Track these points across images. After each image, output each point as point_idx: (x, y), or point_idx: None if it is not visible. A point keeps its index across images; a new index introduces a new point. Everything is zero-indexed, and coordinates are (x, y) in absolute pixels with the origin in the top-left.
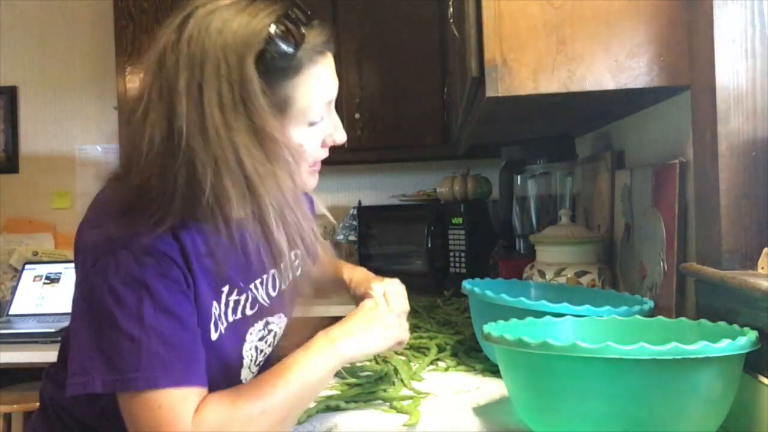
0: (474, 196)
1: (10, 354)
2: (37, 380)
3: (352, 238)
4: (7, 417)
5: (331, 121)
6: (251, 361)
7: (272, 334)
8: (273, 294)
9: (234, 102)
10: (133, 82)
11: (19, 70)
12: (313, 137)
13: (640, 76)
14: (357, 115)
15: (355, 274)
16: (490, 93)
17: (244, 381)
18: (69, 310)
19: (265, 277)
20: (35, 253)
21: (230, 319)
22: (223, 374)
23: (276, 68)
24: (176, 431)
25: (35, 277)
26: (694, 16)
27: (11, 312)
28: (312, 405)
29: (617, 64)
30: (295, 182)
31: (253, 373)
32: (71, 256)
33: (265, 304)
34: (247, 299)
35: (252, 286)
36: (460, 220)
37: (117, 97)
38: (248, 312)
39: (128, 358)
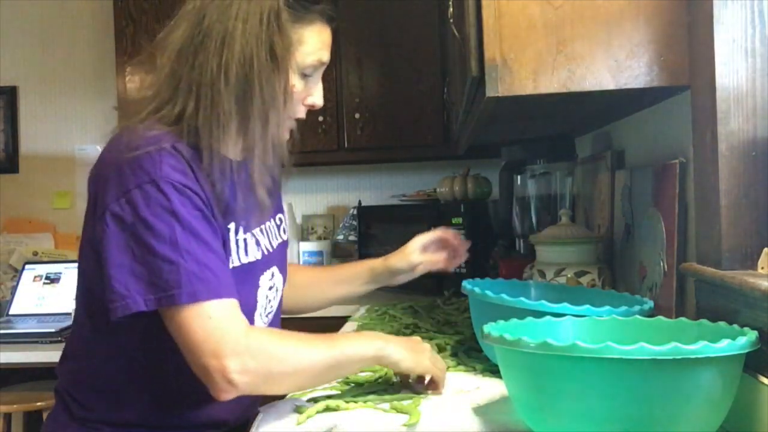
0: (474, 196)
1: (10, 354)
2: (37, 380)
3: (352, 238)
4: (7, 417)
5: (316, 85)
6: (263, 308)
7: (275, 290)
8: (274, 244)
9: (261, 19)
10: (133, 82)
11: (19, 70)
12: (301, 89)
13: (640, 76)
14: (357, 115)
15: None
16: (490, 93)
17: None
18: (69, 310)
19: (267, 224)
20: (35, 253)
21: (243, 260)
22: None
23: (299, 9)
24: (231, 335)
25: (35, 277)
26: (694, 16)
27: (11, 312)
28: (312, 406)
29: (617, 64)
30: (279, 122)
31: (264, 323)
32: (71, 256)
33: (267, 251)
34: (253, 239)
35: (258, 230)
36: (460, 220)
37: (117, 97)
38: (257, 255)
39: (168, 278)
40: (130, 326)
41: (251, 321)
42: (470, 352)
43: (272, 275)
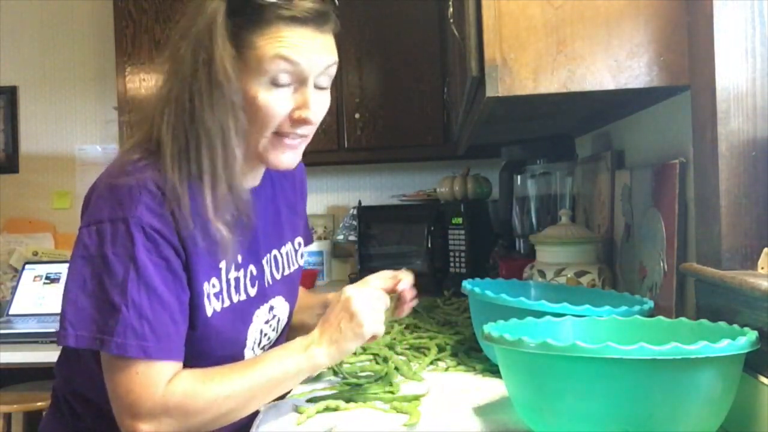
0: (474, 196)
1: (10, 354)
2: (37, 380)
3: (352, 238)
4: (7, 417)
5: (303, 96)
6: (255, 342)
7: (276, 319)
8: (277, 277)
9: (199, 40)
10: (133, 82)
11: (19, 70)
12: (277, 102)
13: (640, 76)
14: (357, 115)
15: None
16: (490, 93)
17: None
18: None
19: (268, 256)
20: (35, 253)
21: (234, 299)
22: (225, 353)
23: (247, 14)
24: (149, 396)
25: (35, 277)
26: (694, 16)
27: (11, 312)
28: (311, 406)
29: (617, 64)
30: (227, 146)
31: (256, 355)
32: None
33: (267, 285)
34: (245, 276)
35: (257, 262)
36: (460, 220)
37: (117, 97)
38: (251, 292)
39: (106, 322)
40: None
41: (240, 357)
42: (470, 352)
43: (271, 308)
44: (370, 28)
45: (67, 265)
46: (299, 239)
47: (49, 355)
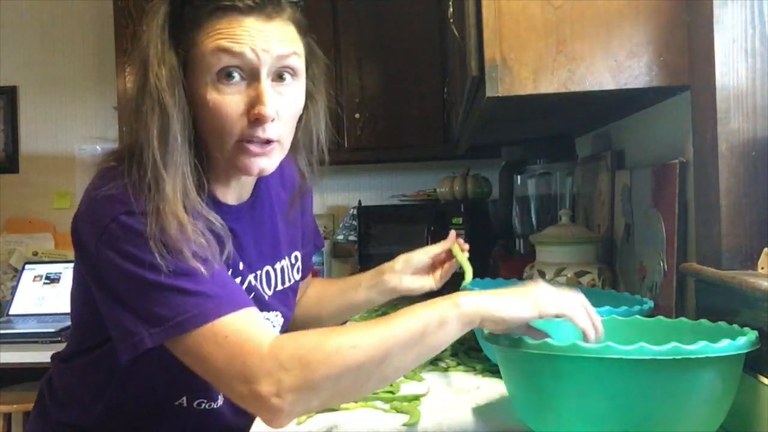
0: (474, 196)
1: (10, 354)
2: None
3: (352, 238)
4: (7, 417)
5: (256, 91)
6: None
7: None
8: (269, 293)
9: (142, 44)
10: (133, 82)
11: (19, 70)
12: (227, 100)
13: (640, 76)
14: (357, 115)
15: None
16: (490, 93)
17: None
18: (69, 310)
19: (259, 272)
20: (35, 253)
21: None
22: None
23: (187, 11)
24: (254, 352)
25: (35, 277)
26: (694, 16)
27: (11, 312)
28: None
29: (617, 64)
30: (214, 150)
31: None
32: (71, 256)
33: (265, 295)
34: (241, 284)
35: (252, 276)
36: (460, 220)
37: (117, 97)
38: None
39: (171, 306)
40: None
41: None
42: (470, 352)
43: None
44: (370, 28)
45: (67, 265)
46: (296, 253)
47: (49, 355)
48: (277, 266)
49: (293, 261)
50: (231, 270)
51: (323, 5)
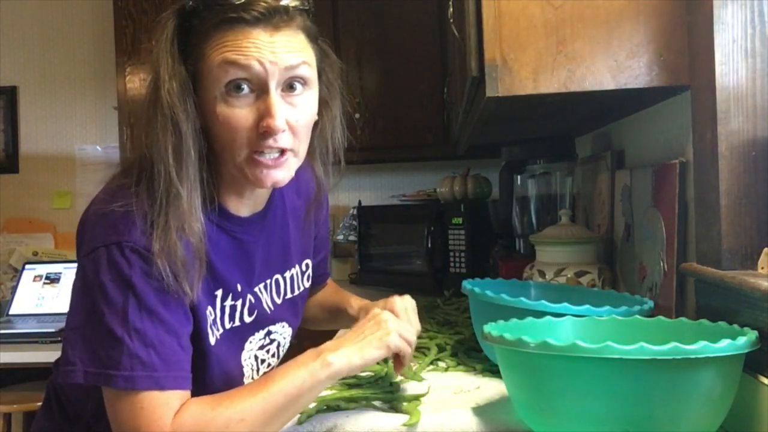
0: (474, 196)
1: (10, 354)
2: (37, 380)
3: (352, 238)
4: (7, 417)
5: (265, 103)
6: (252, 370)
7: (275, 344)
8: (278, 301)
9: (153, 59)
10: (133, 82)
11: (19, 70)
12: (236, 113)
13: (640, 76)
14: (357, 115)
15: (362, 302)
16: (490, 93)
17: None
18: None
19: (268, 282)
20: (35, 253)
21: (227, 326)
22: (224, 382)
23: (194, 24)
24: (156, 430)
25: (35, 277)
26: (694, 16)
27: (11, 312)
28: (312, 405)
29: (617, 64)
30: (183, 172)
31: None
32: (71, 256)
33: (268, 311)
34: (244, 305)
35: (256, 290)
36: (460, 220)
37: (117, 97)
38: (246, 319)
39: (111, 355)
40: (87, 392)
41: (238, 386)
42: (470, 352)
43: (268, 333)
44: (370, 28)
45: (67, 265)
46: (307, 261)
47: (49, 355)
48: (287, 274)
49: (304, 269)
50: (230, 294)
51: (323, 5)
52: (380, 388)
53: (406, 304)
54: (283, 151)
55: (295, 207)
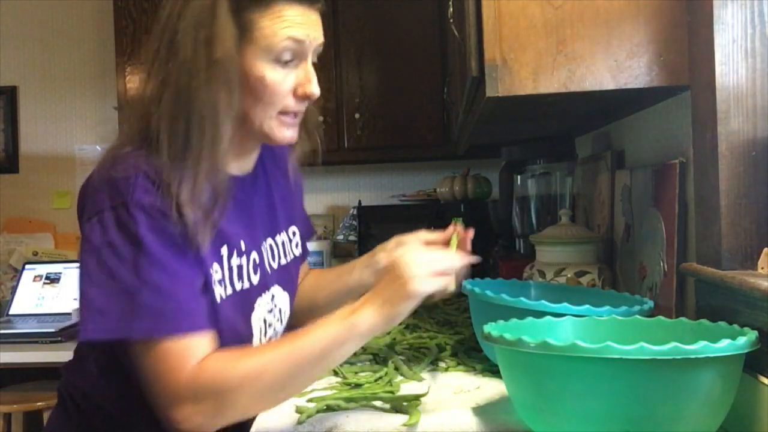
0: (474, 196)
1: (10, 354)
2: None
3: (352, 238)
4: (7, 417)
5: (306, 72)
6: (261, 332)
7: (278, 309)
8: (274, 266)
9: (198, 20)
10: (133, 82)
11: (19, 70)
12: (282, 79)
13: (640, 76)
14: (357, 115)
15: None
16: (490, 93)
17: None
18: (69, 310)
19: (265, 243)
20: (35, 253)
21: (237, 287)
22: (232, 342)
23: None
24: (177, 379)
25: (35, 277)
26: (694, 16)
27: (11, 312)
28: (311, 406)
29: (617, 64)
30: (218, 128)
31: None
32: (71, 256)
33: (270, 271)
34: (248, 263)
35: (258, 248)
36: (460, 220)
37: (117, 97)
38: (253, 279)
39: (125, 309)
40: (107, 380)
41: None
42: (470, 352)
43: (272, 297)
44: (370, 28)
45: (67, 265)
46: (293, 228)
47: (49, 355)
48: (278, 239)
49: (291, 236)
50: (235, 250)
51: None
52: (380, 388)
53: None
54: (296, 113)
55: (275, 175)
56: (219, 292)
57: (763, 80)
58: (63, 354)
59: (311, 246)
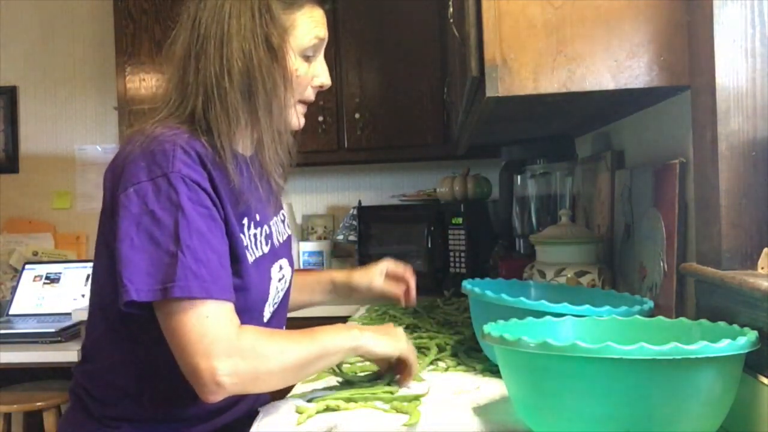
0: (474, 196)
1: (10, 354)
2: (36, 380)
3: (352, 238)
4: (7, 417)
5: (322, 66)
6: (273, 299)
7: (285, 280)
8: (280, 239)
9: (252, 14)
10: (133, 82)
11: (19, 70)
12: (306, 72)
13: (640, 76)
14: (357, 115)
15: (345, 272)
16: (490, 93)
17: (265, 315)
18: (69, 310)
19: (274, 219)
20: (35, 253)
21: (256, 253)
22: (254, 305)
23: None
24: (225, 336)
25: (35, 277)
26: (694, 16)
27: (11, 312)
28: (311, 406)
29: (617, 64)
30: (285, 105)
31: (270, 312)
32: (71, 256)
33: (277, 243)
34: (262, 233)
35: (267, 223)
36: (460, 220)
37: (117, 97)
38: (265, 249)
39: (166, 271)
40: (145, 324)
41: (261, 312)
42: (470, 352)
43: (281, 267)
44: (370, 28)
45: (67, 265)
46: (282, 211)
47: (49, 355)
48: (279, 218)
49: (282, 218)
50: (252, 222)
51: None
52: (380, 388)
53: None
54: (308, 103)
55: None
56: (251, 255)
57: (763, 80)
58: (63, 354)
59: (312, 246)
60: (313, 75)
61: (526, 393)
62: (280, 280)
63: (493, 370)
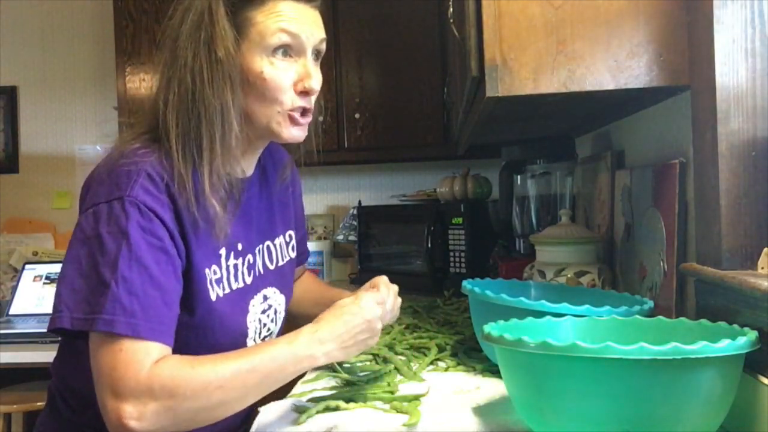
0: (474, 196)
1: (10, 354)
2: (36, 380)
3: (352, 238)
4: (7, 417)
5: (305, 67)
6: (256, 333)
7: (273, 309)
8: (270, 267)
9: (198, 23)
10: (133, 82)
11: (19, 70)
12: (281, 74)
13: (640, 76)
14: (357, 115)
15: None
16: (490, 93)
17: None
18: None
19: (261, 246)
20: (35, 253)
21: (233, 286)
22: (228, 340)
23: None
24: (133, 375)
25: (35, 277)
26: (694, 16)
27: (11, 312)
28: (311, 406)
29: (617, 64)
30: (228, 124)
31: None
32: None
33: (262, 272)
34: (244, 264)
35: (252, 251)
36: (460, 220)
37: (117, 97)
38: (247, 280)
39: (96, 301)
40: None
41: (244, 346)
42: (470, 352)
43: (264, 297)
44: (370, 28)
45: None
46: (290, 232)
47: (49, 355)
48: (276, 242)
49: (287, 239)
50: (232, 252)
51: (323, 5)
52: (380, 388)
53: (393, 290)
54: (306, 111)
55: (275, 181)
56: (216, 291)
57: (763, 80)
58: None
59: (312, 246)
60: (296, 78)
61: (526, 393)
62: (264, 311)
63: (493, 370)
